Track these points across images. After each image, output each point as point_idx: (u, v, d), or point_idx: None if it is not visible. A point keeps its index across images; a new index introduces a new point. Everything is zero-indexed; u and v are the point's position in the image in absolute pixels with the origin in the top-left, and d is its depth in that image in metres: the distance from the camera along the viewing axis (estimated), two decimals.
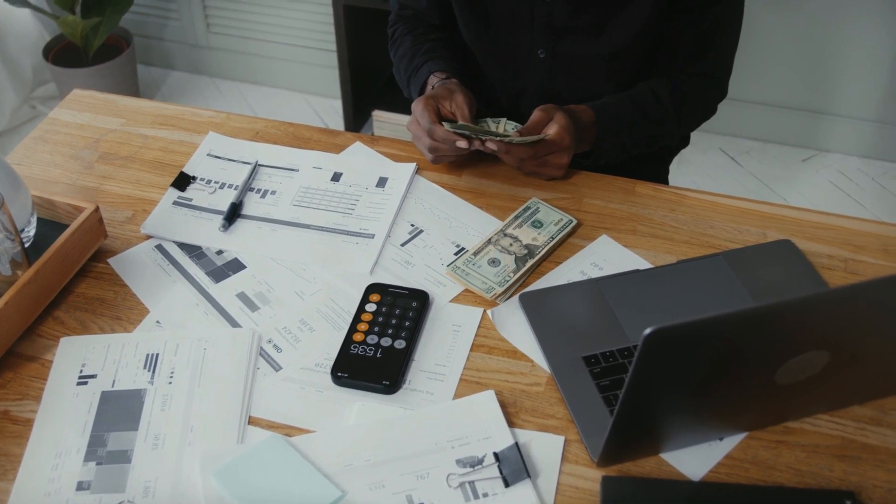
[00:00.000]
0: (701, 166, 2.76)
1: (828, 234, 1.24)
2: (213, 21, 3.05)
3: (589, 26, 1.36)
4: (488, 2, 1.39)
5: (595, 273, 1.19)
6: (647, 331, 0.76)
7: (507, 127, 1.27)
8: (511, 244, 1.21)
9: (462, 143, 1.23)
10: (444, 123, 1.25)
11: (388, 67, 2.85)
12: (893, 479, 0.95)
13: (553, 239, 1.22)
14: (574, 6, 1.34)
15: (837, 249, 1.22)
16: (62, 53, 2.89)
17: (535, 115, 1.28)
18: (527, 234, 1.22)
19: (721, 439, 0.99)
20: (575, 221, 1.24)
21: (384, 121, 2.77)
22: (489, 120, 1.30)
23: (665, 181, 1.64)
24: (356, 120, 2.82)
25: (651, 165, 1.59)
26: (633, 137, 1.38)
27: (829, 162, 2.78)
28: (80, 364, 1.06)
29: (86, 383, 1.04)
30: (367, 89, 2.80)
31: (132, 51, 2.92)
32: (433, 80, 1.39)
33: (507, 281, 1.16)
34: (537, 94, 1.43)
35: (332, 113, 3.02)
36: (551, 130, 1.26)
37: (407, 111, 2.19)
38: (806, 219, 1.26)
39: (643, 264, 1.20)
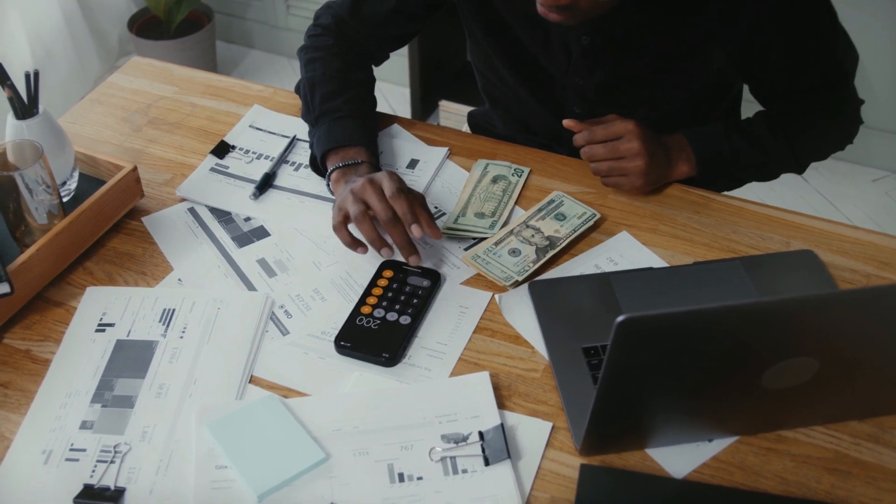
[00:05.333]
0: None
1: (854, 248, 1.21)
2: (292, 3, 3.11)
3: (624, 103, 1.34)
4: (529, 64, 1.37)
5: (609, 268, 1.19)
6: (619, 318, 0.76)
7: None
8: (533, 235, 1.22)
9: (385, 253, 1.15)
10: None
11: (457, 59, 2.90)
12: (882, 497, 0.94)
13: (575, 231, 1.22)
14: (604, 92, 1.33)
15: (861, 264, 1.19)
16: (146, 26, 3.00)
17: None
18: (549, 226, 1.23)
19: (710, 441, 0.98)
20: (598, 215, 1.24)
21: (450, 111, 2.80)
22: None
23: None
24: (423, 109, 2.86)
25: None
26: (735, 149, 1.29)
27: None
28: (101, 313, 1.12)
29: (103, 331, 1.10)
30: (436, 79, 2.83)
31: (212, 27, 3.01)
32: (357, 161, 1.24)
33: (527, 270, 1.17)
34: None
35: (401, 101, 3.06)
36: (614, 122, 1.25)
37: (473, 102, 2.17)
38: (833, 231, 1.24)
39: (659, 263, 1.19)
